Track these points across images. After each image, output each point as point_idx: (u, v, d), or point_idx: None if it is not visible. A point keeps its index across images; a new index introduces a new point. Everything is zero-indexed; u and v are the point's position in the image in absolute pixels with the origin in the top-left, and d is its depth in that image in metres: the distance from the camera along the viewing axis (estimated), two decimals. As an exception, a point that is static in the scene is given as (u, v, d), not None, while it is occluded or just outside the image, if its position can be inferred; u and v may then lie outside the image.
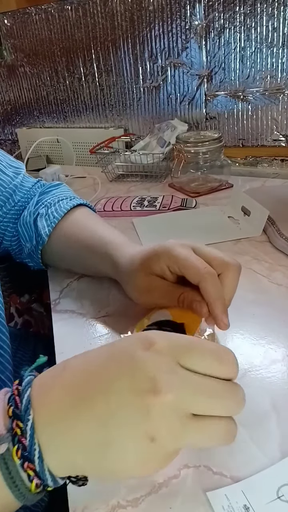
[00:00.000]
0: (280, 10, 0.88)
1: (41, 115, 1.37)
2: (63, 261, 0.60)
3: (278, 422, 0.34)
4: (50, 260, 0.61)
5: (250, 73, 0.96)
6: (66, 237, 0.57)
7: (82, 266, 0.58)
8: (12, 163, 0.63)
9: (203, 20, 0.97)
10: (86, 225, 0.58)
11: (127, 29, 1.08)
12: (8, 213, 0.61)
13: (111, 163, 1.05)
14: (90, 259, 0.54)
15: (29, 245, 0.59)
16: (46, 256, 0.60)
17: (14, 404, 0.26)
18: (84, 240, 0.55)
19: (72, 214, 0.60)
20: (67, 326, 0.50)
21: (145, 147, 1.08)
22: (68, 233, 0.57)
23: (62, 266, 0.61)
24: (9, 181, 0.60)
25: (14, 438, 0.25)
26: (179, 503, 0.29)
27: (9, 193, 0.60)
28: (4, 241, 0.62)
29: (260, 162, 1.04)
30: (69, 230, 0.58)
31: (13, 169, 0.62)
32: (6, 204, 0.60)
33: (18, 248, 0.62)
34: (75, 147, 1.26)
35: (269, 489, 0.29)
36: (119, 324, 0.49)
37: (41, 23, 1.22)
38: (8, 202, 0.61)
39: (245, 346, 0.43)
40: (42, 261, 0.60)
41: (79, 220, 0.59)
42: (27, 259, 0.61)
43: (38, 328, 0.84)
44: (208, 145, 0.87)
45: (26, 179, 0.64)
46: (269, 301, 0.45)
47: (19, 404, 0.26)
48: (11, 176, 0.61)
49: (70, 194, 0.64)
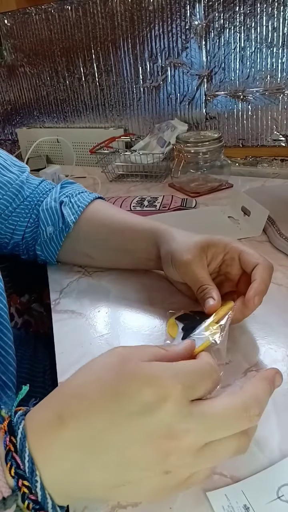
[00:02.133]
0: (280, 10, 0.88)
1: (41, 115, 1.37)
2: (89, 246, 0.60)
3: (278, 422, 0.34)
4: (71, 248, 0.61)
5: (250, 73, 0.96)
6: (94, 222, 0.59)
7: (112, 247, 0.58)
8: (16, 163, 0.64)
9: (203, 20, 0.97)
10: (112, 211, 0.61)
11: (127, 29, 1.08)
12: (17, 208, 0.61)
13: (111, 163, 1.05)
14: (122, 238, 0.56)
15: (51, 229, 0.59)
16: (67, 244, 0.60)
17: (15, 463, 0.25)
18: (116, 221, 0.58)
19: (95, 204, 0.62)
20: (67, 326, 0.50)
21: (145, 147, 1.08)
22: (96, 218, 0.59)
23: (85, 251, 0.61)
24: (15, 178, 0.61)
25: (23, 496, 0.24)
26: (179, 503, 0.29)
27: (16, 189, 0.60)
28: (14, 236, 0.61)
29: (260, 162, 1.04)
30: (96, 216, 0.60)
31: (17, 168, 0.63)
32: (16, 200, 0.61)
33: (32, 238, 0.62)
34: (75, 147, 1.26)
35: (269, 489, 0.29)
36: (119, 324, 0.49)
37: (41, 23, 1.22)
38: (17, 198, 0.61)
39: (245, 346, 0.43)
40: (58, 253, 0.61)
41: (104, 208, 0.62)
42: (38, 249, 0.61)
43: (38, 328, 0.84)
44: (208, 145, 0.87)
45: (32, 177, 0.65)
46: (269, 301, 0.45)
47: (20, 464, 0.25)
48: (16, 174, 0.62)
49: (86, 190, 0.66)
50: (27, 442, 0.25)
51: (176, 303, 0.51)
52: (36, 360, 0.65)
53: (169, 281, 0.56)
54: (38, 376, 0.62)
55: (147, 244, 0.54)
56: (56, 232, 0.59)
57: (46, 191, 0.64)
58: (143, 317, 0.50)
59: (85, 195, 0.63)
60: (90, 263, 0.61)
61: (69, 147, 1.18)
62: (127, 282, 0.57)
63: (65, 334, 0.48)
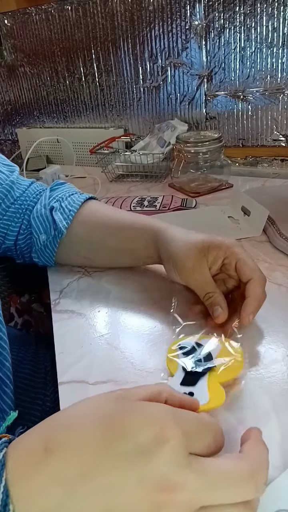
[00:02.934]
0: (280, 10, 0.88)
1: (41, 115, 1.37)
2: (85, 248, 0.60)
3: (278, 422, 0.34)
4: (67, 253, 0.60)
5: (250, 73, 0.96)
6: (89, 224, 0.58)
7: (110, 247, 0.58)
8: (5, 162, 0.63)
9: (203, 20, 0.97)
10: (107, 211, 0.60)
11: (127, 29, 1.08)
12: (8, 210, 0.60)
13: (111, 163, 1.05)
14: (121, 238, 0.56)
15: (44, 237, 0.58)
16: (62, 249, 0.60)
17: None
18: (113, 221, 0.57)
19: (87, 206, 0.61)
20: (67, 326, 0.50)
21: (145, 147, 1.08)
22: (91, 220, 0.59)
23: (82, 254, 0.60)
24: (5, 178, 0.60)
25: None
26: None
27: (6, 189, 0.59)
28: (6, 241, 0.61)
29: (260, 162, 1.04)
30: (90, 218, 0.59)
31: (7, 167, 0.62)
32: (5, 200, 0.59)
33: (26, 245, 0.61)
34: (75, 147, 1.26)
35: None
36: (119, 324, 0.49)
37: (41, 23, 1.22)
38: (7, 198, 0.60)
39: (245, 346, 0.43)
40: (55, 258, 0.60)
41: (98, 209, 0.61)
42: (35, 256, 0.61)
43: (38, 328, 0.84)
44: (208, 145, 0.87)
45: (21, 177, 0.64)
46: (269, 301, 0.45)
47: None
48: (6, 174, 0.61)
49: (77, 190, 0.65)
50: (4, 472, 0.22)
51: (176, 303, 0.51)
52: (37, 361, 0.65)
53: (169, 281, 0.56)
54: (39, 376, 0.62)
55: (146, 242, 0.53)
56: (49, 239, 0.59)
57: (36, 194, 0.63)
58: (143, 317, 0.50)
59: (75, 197, 0.61)
60: (88, 263, 0.61)
61: (69, 147, 1.18)
62: (127, 282, 0.57)
63: (65, 334, 0.48)
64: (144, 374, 0.41)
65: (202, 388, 0.36)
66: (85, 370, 0.42)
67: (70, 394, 0.39)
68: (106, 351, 0.45)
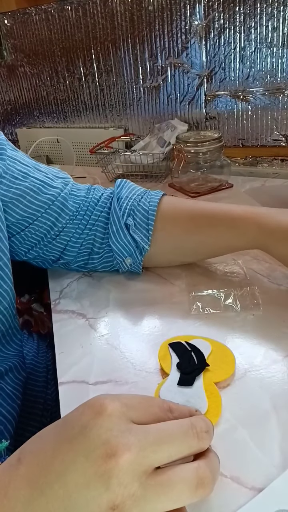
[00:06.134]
0: (280, 10, 0.88)
1: (41, 115, 1.37)
2: (174, 251, 0.57)
3: (278, 422, 0.34)
4: (151, 261, 0.58)
5: (250, 73, 0.96)
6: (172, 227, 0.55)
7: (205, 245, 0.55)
8: (59, 174, 0.59)
9: (203, 20, 0.97)
10: (185, 205, 0.56)
11: (127, 29, 1.08)
12: (65, 227, 0.56)
13: (111, 163, 1.05)
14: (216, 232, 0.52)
15: (130, 261, 0.56)
16: (146, 261, 0.57)
17: None
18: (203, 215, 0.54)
19: (161, 211, 0.56)
20: (67, 326, 0.50)
21: (145, 147, 1.08)
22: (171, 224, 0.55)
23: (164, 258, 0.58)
24: (58, 193, 0.56)
25: None
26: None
27: (58, 206, 0.55)
28: (64, 256, 0.58)
29: (260, 162, 1.04)
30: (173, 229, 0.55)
31: (61, 180, 0.58)
32: (60, 219, 0.55)
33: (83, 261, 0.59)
34: (75, 147, 1.26)
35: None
36: (119, 324, 0.49)
37: (41, 23, 1.22)
38: (61, 216, 0.55)
39: (245, 346, 0.43)
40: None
41: (175, 207, 0.57)
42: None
43: (38, 328, 0.84)
44: (208, 145, 0.87)
45: (76, 186, 0.61)
46: (269, 301, 0.45)
47: None
48: (60, 187, 0.56)
49: (141, 190, 0.60)
50: None
51: (176, 303, 0.51)
52: (38, 361, 0.65)
53: (169, 281, 0.56)
54: (40, 376, 0.62)
55: (246, 237, 0.51)
56: (136, 260, 0.56)
57: (95, 201, 0.59)
58: (143, 317, 0.50)
59: (145, 204, 0.56)
60: (172, 263, 0.59)
61: (69, 147, 1.18)
62: (127, 282, 0.57)
63: (65, 334, 0.49)
64: (144, 374, 0.41)
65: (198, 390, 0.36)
66: (85, 370, 0.42)
67: (70, 394, 0.39)
68: (106, 351, 0.45)
